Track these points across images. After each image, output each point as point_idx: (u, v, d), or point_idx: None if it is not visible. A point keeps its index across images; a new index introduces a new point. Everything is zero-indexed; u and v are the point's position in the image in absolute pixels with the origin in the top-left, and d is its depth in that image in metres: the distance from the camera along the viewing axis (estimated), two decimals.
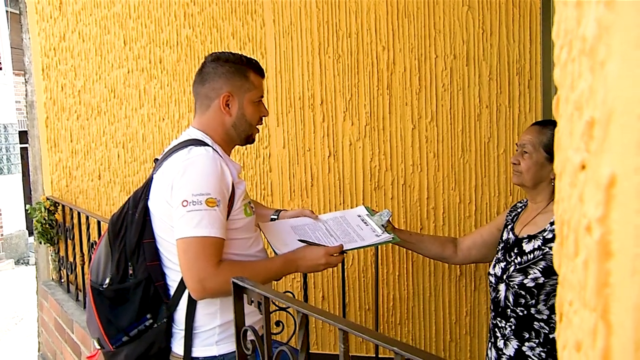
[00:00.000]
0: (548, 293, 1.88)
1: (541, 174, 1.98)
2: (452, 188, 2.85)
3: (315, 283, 3.11)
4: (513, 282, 1.94)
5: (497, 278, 2.04)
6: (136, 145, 3.54)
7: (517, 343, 1.94)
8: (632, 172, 0.34)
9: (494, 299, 2.05)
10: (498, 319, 2.02)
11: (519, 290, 1.92)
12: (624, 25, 0.35)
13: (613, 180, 0.36)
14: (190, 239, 1.58)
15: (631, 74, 0.35)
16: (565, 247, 0.59)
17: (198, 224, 1.57)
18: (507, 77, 2.72)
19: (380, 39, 2.91)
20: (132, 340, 1.71)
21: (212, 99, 1.77)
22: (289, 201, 3.14)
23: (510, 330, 1.96)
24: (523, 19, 2.68)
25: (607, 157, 0.37)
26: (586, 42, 0.40)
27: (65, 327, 3.36)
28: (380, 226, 2.09)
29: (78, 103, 3.66)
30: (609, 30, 0.37)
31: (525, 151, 1.99)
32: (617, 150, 0.36)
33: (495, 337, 2.04)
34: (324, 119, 3.03)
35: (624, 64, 0.35)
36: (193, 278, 1.59)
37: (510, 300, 1.96)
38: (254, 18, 3.17)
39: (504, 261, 2.04)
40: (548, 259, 1.88)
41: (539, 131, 2.00)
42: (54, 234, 3.79)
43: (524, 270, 1.93)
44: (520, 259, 1.96)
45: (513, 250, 2.02)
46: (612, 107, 0.37)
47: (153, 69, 3.44)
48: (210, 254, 1.59)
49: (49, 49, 3.70)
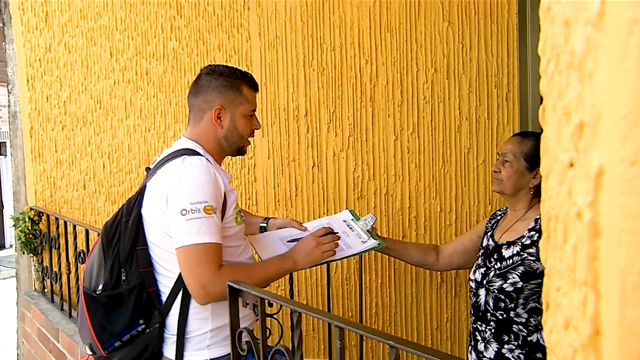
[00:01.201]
0: (526, 297, 1.94)
1: (521, 182, 2.05)
2: (433, 197, 2.93)
3: (299, 291, 3.16)
4: (493, 287, 2.00)
5: (477, 283, 2.10)
6: (122, 155, 3.57)
7: (497, 346, 2.00)
8: (618, 162, 0.41)
9: (475, 303, 2.11)
10: (478, 323, 2.08)
11: (499, 295, 1.98)
12: (609, 42, 0.42)
13: (601, 171, 0.42)
14: (192, 247, 1.62)
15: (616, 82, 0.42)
16: (553, 240, 0.66)
17: (198, 231, 1.61)
18: (486, 90, 2.82)
19: (363, 52, 2.99)
20: (124, 345, 1.73)
21: (204, 111, 1.82)
22: (273, 211, 3.19)
23: (491, 334, 2.02)
24: (501, 35, 2.79)
25: (596, 152, 0.44)
26: (575, 56, 0.47)
27: (49, 336, 3.35)
28: (366, 232, 2.14)
29: (63, 114, 3.68)
30: (596, 47, 0.44)
31: (507, 160, 2.06)
32: (605, 145, 0.42)
33: (476, 340, 2.09)
34: (308, 130, 3.10)
35: (610, 74, 0.42)
36: (196, 284, 1.63)
37: (490, 304, 2.02)
38: (239, 31, 3.23)
39: (484, 267, 2.10)
40: (526, 264, 1.94)
41: (520, 141, 2.07)
42: (38, 244, 3.79)
43: (503, 275, 1.99)
44: (500, 264, 2.02)
45: (493, 256, 2.08)
46: (600, 110, 0.44)
47: (139, 81, 3.49)
48: (212, 260, 1.64)
49: (34, 60, 3.72)
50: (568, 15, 0.55)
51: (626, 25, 0.38)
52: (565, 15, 0.55)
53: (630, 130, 0.37)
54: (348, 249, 2.05)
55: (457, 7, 2.83)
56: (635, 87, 0.37)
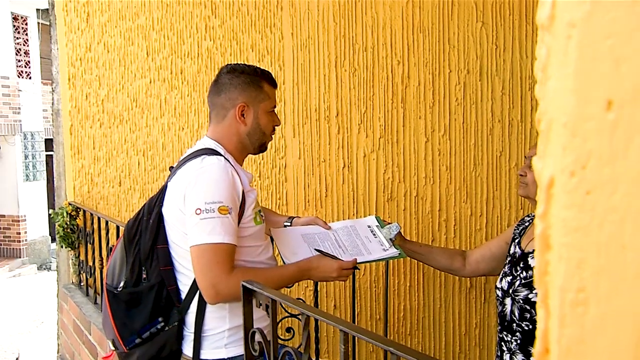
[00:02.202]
0: None
1: None
2: (463, 201, 2.88)
3: (328, 292, 3.15)
4: (518, 296, 1.95)
5: (504, 292, 2.04)
6: (156, 153, 3.63)
7: (523, 357, 1.94)
8: (560, 172, 0.40)
9: (501, 312, 2.06)
10: (504, 333, 2.03)
11: (524, 305, 1.93)
12: (557, 48, 0.41)
13: (552, 182, 0.41)
14: (204, 246, 1.63)
15: (560, 89, 0.40)
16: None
17: (211, 231, 1.62)
18: (519, 92, 2.76)
19: (395, 53, 2.96)
20: (144, 342, 1.75)
21: (227, 109, 1.83)
22: (303, 211, 3.19)
23: (516, 345, 1.97)
24: (536, 35, 2.70)
25: (548, 161, 0.42)
26: (541, 62, 0.46)
27: (83, 328, 3.44)
28: (389, 240, 2.12)
29: (101, 112, 3.77)
30: (549, 52, 0.42)
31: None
32: (553, 154, 0.41)
33: (502, 351, 2.04)
34: (339, 130, 3.09)
35: (556, 81, 0.41)
36: (207, 283, 1.64)
37: (516, 314, 1.97)
38: (272, 31, 3.25)
39: (510, 275, 2.04)
40: None
41: None
42: (75, 239, 3.89)
43: (529, 285, 1.93)
44: (526, 273, 1.97)
45: (519, 264, 2.03)
46: (551, 119, 0.42)
47: (174, 80, 3.54)
48: (224, 260, 1.64)
49: (75, 59, 3.82)
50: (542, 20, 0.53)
51: (565, 29, 0.37)
52: (541, 20, 0.53)
53: (570, 139, 0.36)
54: (368, 254, 2.03)
55: (491, 7, 2.77)
56: (574, 94, 0.35)
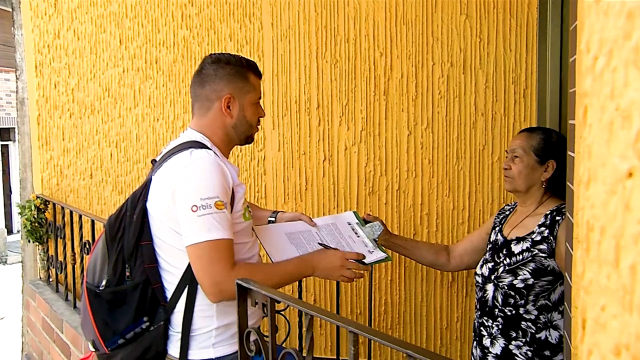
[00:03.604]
0: (537, 294, 1.92)
1: (533, 176, 2.03)
2: (446, 194, 2.87)
3: (307, 287, 3.11)
4: (502, 282, 1.98)
5: (485, 278, 2.08)
6: (129, 145, 3.52)
7: (504, 342, 1.98)
8: None
9: (481, 298, 2.09)
10: (484, 318, 2.06)
11: (509, 291, 1.96)
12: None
13: None
14: (204, 244, 1.57)
15: None
16: (594, 253, 0.60)
17: (210, 227, 1.56)
18: (503, 86, 2.75)
19: (378, 45, 2.92)
20: (128, 343, 1.69)
21: (212, 101, 1.77)
22: (282, 204, 3.14)
23: (497, 330, 2.00)
24: (520, 29, 2.71)
25: None
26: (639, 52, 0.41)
27: (54, 326, 3.32)
28: (372, 240, 2.08)
29: (71, 101, 3.63)
30: None
31: (516, 155, 2.04)
32: None
33: (481, 335, 2.07)
34: (320, 123, 3.04)
35: None
36: (210, 282, 1.58)
37: (499, 300, 2.00)
38: (252, 21, 3.17)
39: (492, 262, 2.08)
40: (537, 261, 1.92)
41: (528, 136, 2.06)
42: (43, 233, 3.76)
43: (513, 272, 1.97)
44: (509, 260, 2.00)
45: (502, 251, 2.06)
46: None
47: (148, 69, 3.43)
48: (226, 257, 1.59)
49: (42, 46, 3.67)
50: (631, 8, 0.49)
51: None
52: (627, 7, 0.49)
53: None
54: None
55: (475, 0, 2.75)
56: None
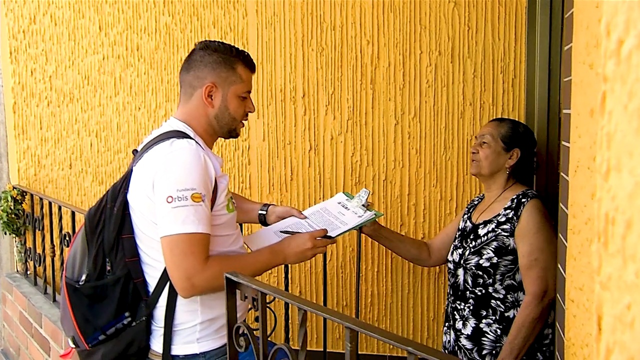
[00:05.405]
0: (503, 273, 2.02)
1: (498, 162, 2.14)
2: (433, 185, 2.84)
3: (293, 278, 3.06)
4: (469, 264, 2.07)
5: (456, 264, 2.18)
6: (110, 134, 3.43)
7: (475, 321, 2.07)
8: None
9: (454, 284, 2.18)
10: (457, 302, 2.15)
11: (476, 271, 2.06)
12: None
13: None
14: (177, 236, 1.52)
15: None
16: (614, 247, 0.56)
17: (185, 220, 1.51)
18: (491, 75, 2.72)
19: (365, 33, 2.87)
20: (109, 338, 1.64)
21: (195, 88, 1.72)
22: (267, 195, 3.08)
23: (469, 311, 2.09)
24: (509, 18, 2.68)
25: None
26: None
27: (32, 321, 3.23)
28: (361, 206, 2.05)
29: (49, 89, 3.53)
30: None
31: (484, 141, 2.16)
32: None
33: (454, 319, 2.15)
34: (306, 112, 2.99)
35: None
36: (181, 276, 1.53)
37: (469, 282, 2.09)
38: (236, 7, 3.10)
39: (461, 247, 2.17)
40: (499, 240, 2.03)
41: (498, 124, 2.19)
42: (21, 224, 3.66)
43: (478, 252, 2.06)
44: (475, 242, 2.10)
45: (470, 236, 2.16)
46: None
47: (129, 56, 3.34)
48: (199, 251, 1.54)
49: (17, 31, 3.56)
50: None
51: None
52: None
53: None
54: (344, 225, 1.95)
55: None
56: None
